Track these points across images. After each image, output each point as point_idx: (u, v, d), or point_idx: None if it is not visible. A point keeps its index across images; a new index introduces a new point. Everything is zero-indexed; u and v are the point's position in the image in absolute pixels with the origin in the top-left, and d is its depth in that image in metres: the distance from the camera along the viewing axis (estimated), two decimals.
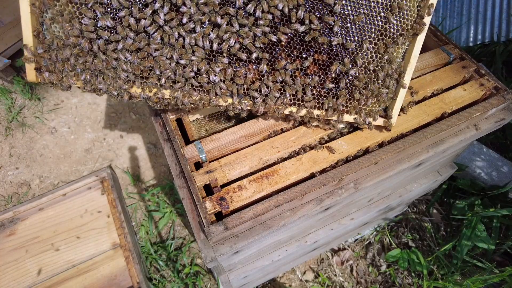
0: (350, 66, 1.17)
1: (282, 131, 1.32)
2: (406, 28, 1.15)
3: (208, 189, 1.18)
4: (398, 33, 1.15)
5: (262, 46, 1.11)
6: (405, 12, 1.13)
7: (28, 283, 1.63)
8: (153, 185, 2.81)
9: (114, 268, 1.68)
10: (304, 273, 2.44)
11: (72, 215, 1.80)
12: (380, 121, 1.26)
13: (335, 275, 2.42)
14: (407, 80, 1.21)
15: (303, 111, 1.21)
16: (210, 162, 1.22)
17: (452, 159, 1.89)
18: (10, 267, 1.67)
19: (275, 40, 1.11)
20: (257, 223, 1.13)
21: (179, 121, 1.38)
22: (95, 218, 1.80)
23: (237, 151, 1.25)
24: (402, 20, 1.14)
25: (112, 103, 3.25)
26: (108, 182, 1.86)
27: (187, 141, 1.32)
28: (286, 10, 1.07)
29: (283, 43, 1.13)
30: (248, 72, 1.14)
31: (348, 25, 1.13)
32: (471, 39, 3.20)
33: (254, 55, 1.11)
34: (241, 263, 1.49)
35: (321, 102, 1.21)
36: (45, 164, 2.91)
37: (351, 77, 1.19)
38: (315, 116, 1.22)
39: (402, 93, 1.22)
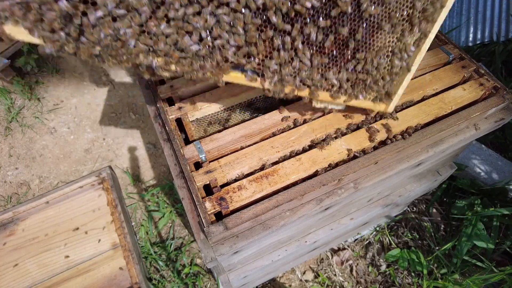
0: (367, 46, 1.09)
1: (282, 131, 1.32)
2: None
3: (208, 189, 1.18)
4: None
5: (283, 17, 1.01)
6: None
7: (28, 283, 1.63)
8: (153, 185, 2.81)
9: (114, 268, 1.68)
10: (304, 273, 2.45)
11: (72, 215, 1.80)
12: (381, 106, 1.25)
13: (335, 275, 2.42)
14: (415, 66, 1.16)
15: (316, 93, 1.14)
16: (210, 162, 1.22)
17: (452, 158, 1.89)
18: (10, 267, 1.67)
19: (298, 9, 0.99)
20: (257, 223, 1.13)
21: (179, 121, 1.38)
22: (95, 218, 1.79)
23: (237, 151, 1.25)
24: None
25: (112, 103, 3.25)
26: (108, 182, 1.85)
27: (187, 141, 1.32)
28: None
29: (305, 17, 1.02)
30: (263, 45, 1.03)
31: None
32: (470, 39, 3.20)
33: (276, 24, 0.99)
34: (241, 263, 1.49)
35: (331, 83, 1.14)
36: (44, 164, 2.91)
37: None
38: (320, 97, 1.17)
39: (408, 77, 1.17)
